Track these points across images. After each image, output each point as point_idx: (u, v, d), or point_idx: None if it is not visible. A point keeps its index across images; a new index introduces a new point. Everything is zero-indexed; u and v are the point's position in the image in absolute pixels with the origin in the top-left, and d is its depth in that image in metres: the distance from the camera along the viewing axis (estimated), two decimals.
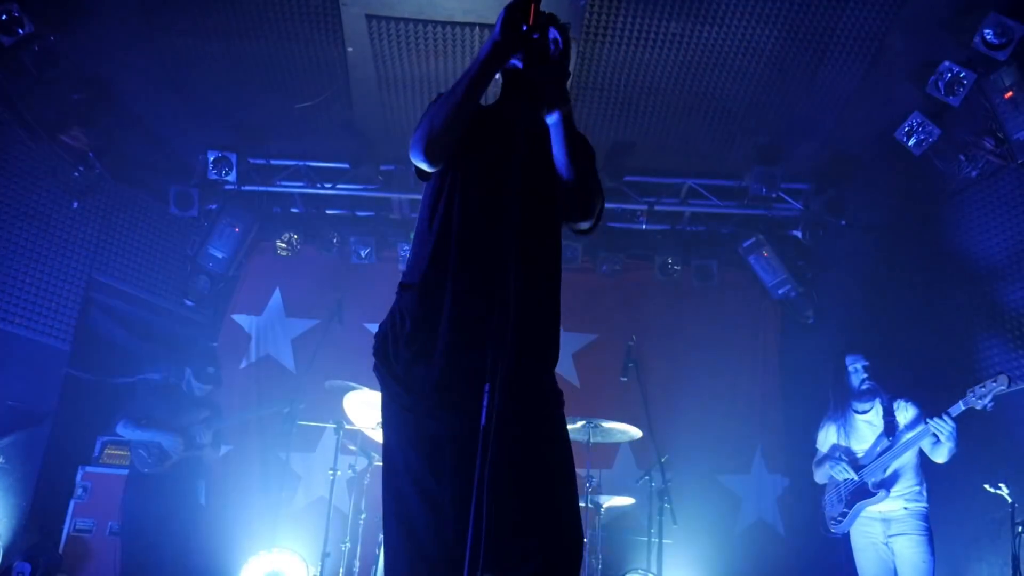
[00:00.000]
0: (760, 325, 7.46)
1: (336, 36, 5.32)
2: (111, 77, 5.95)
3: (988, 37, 4.76)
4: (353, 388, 5.16)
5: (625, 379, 5.69)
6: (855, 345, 5.14)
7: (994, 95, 4.93)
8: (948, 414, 4.45)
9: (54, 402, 6.08)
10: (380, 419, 2.39)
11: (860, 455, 4.81)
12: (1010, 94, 4.84)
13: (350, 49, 5.30)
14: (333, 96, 5.91)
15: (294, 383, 6.44)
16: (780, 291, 7.12)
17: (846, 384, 4.96)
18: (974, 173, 5.47)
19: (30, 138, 5.84)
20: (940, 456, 4.58)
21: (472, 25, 4.98)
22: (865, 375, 4.87)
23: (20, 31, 5.10)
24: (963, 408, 4.43)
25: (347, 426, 5.48)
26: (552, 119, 2.27)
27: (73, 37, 5.41)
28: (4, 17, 5.04)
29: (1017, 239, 5.15)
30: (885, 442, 4.73)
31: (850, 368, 4.94)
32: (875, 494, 4.66)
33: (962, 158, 5.52)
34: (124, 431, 5.67)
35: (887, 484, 4.65)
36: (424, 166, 2.33)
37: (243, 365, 7.27)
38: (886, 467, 4.67)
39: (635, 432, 5.39)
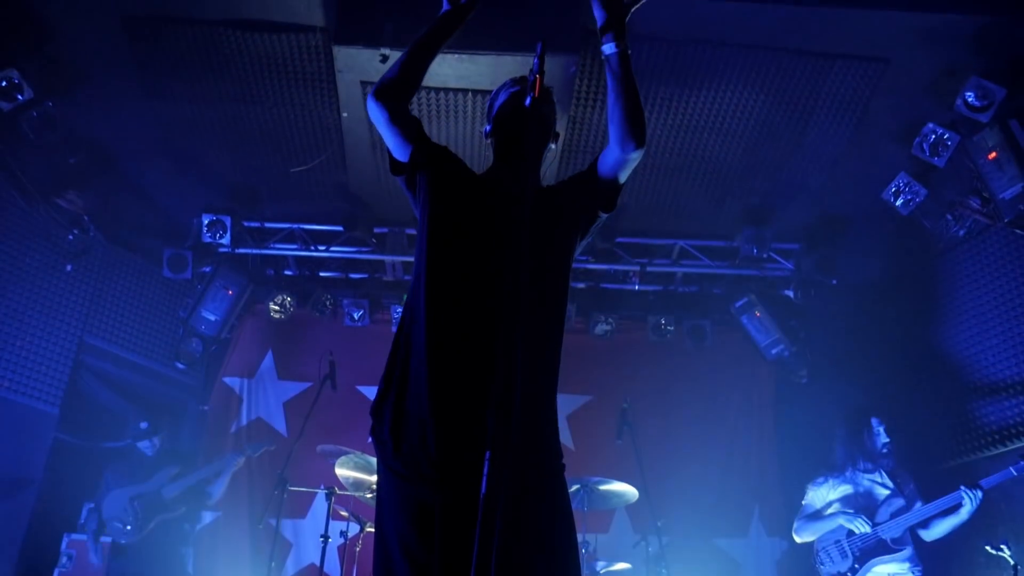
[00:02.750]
0: (754, 385, 7.44)
1: (331, 102, 5.41)
2: (108, 141, 6.01)
3: (970, 100, 4.86)
4: (345, 452, 5.10)
5: (620, 441, 5.66)
6: (873, 404, 5.18)
7: (978, 156, 5.01)
8: (980, 487, 4.49)
9: (41, 467, 5.98)
10: (374, 484, 2.36)
11: (873, 513, 4.81)
12: (994, 155, 4.92)
13: (345, 114, 5.38)
14: (328, 160, 5.98)
15: (285, 447, 6.35)
16: (773, 351, 7.11)
17: (863, 444, 4.98)
18: (961, 232, 5.54)
19: (26, 202, 5.87)
20: (938, 532, 4.63)
21: (465, 91, 5.06)
22: (887, 439, 4.92)
23: (19, 97, 5.16)
24: (999, 480, 4.45)
25: (339, 491, 5.40)
26: (610, 49, 2.41)
27: (71, 102, 5.49)
28: (4, 84, 5.11)
29: (1007, 297, 5.19)
30: (899, 502, 4.75)
31: (876, 430, 4.98)
32: (897, 550, 4.68)
33: (949, 218, 5.59)
34: (107, 510, 5.73)
35: (906, 542, 4.68)
36: (374, 107, 2.42)
37: (234, 429, 7.18)
38: (905, 526, 4.70)
39: (631, 493, 5.33)
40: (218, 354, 7.30)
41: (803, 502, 5.22)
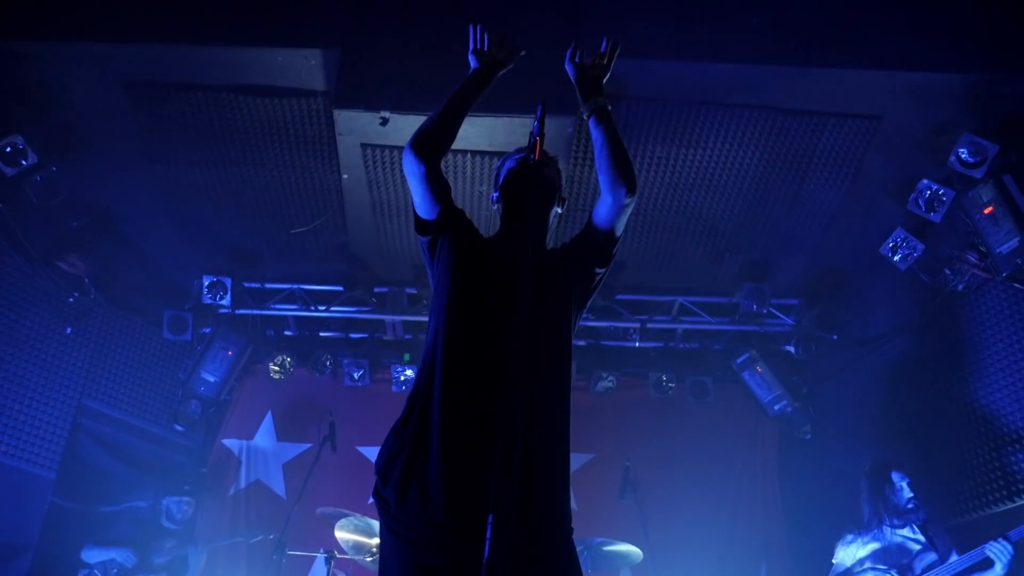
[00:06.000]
0: (758, 441, 7.37)
1: (332, 164, 5.48)
2: (110, 205, 6.07)
3: (963, 156, 4.92)
4: (345, 515, 5.03)
5: (623, 500, 5.59)
6: (899, 463, 5.06)
7: (974, 211, 5.04)
8: (1008, 538, 4.25)
9: (36, 533, 5.89)
10: (374, 547, 2.33)
11: (905, 569, 4.68)
12: (989, 209, 4.95)
13: (345, 176, 5.44)
14: (328, 221, 6.03)
15: (284, 510, 6.28)
16: (776, 407, 7.07)
17: (888, 499, 4.85)
18: (960, 286, 5.54)
19: (28, 265, 5.89)
20: None
21: (464, 152, 5.13)
22: (911, 493, 4.79)
23: (23, 162, 5.24)
24: None
25: (338, 555, 5.32)
26: (589, 108, 2.57)
27: (74, 167, 5.55)
28: (8, 149, 5.19)
29: (1008, 351, 5.17)
30: (932, 556, 4.61)
31: (898, 485, 4.85)
32: None
33: (948, 272, 5.60)
34: (87, 556, 5.67)
35: None
36: (412, 161, 2.46)
37: (232, 492, 7.10)
38: None
39: (636, 554, 5.24)
40: (217, 416, 7.26)
41: (833, 561, 5.06)
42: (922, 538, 4.70)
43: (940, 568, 4.53)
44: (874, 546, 4.87)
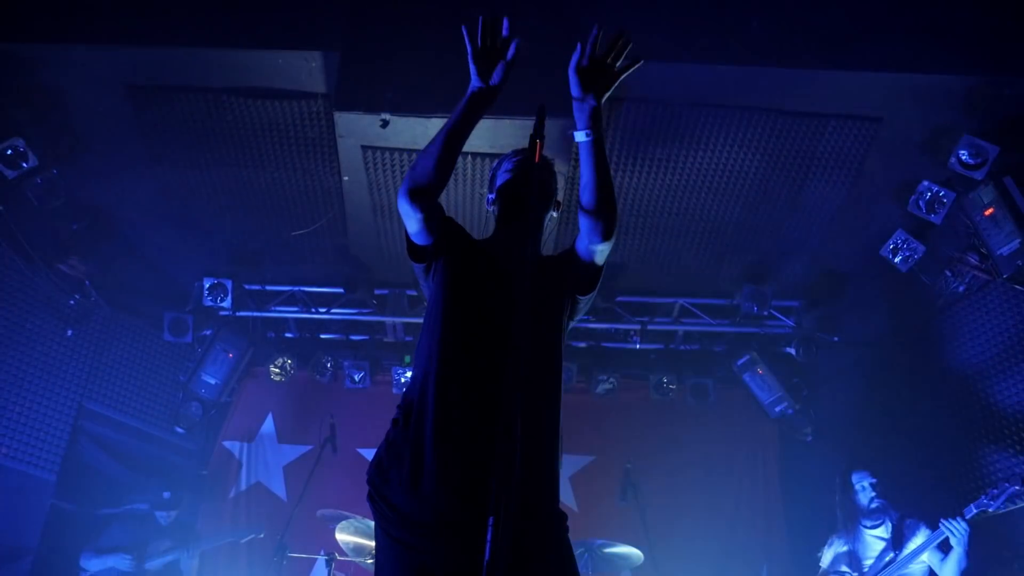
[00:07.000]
0: (758, 443, 7.36)
1: (332, 166, 5.48)
2: (110, 207, 6.07)
3: (964, 158, 4.92)
4: (346, 517, 5.03)
5: (624, 503, 5.58)
6: (861, 462, 5.12)
7: (975, 212, 5.05)
8: (962, 516, 4.37)
9: (37, 535, 5.89)
10: (374, 549, 2.33)
11: (866, 569, 4.73)
12: (990, 211, 4.96)
13: (346, 178, 5.44)
14: (328, 223, 6.02)
15: (285, 512, 6.27)
16: (777, 409, 7.07)
17: (854, 502, 4.93)
18: (961, 288, 5.54)
19: (28, 267, 5.89)
20: (949, 572, 4.46)
21: (464, 154, 5.12)
22: (873, 493, 4.88)
23: (24, 165, 5.24)
24: (975, 511, 4.33)
25: (339, 557, 5.31)
26: (582, 137, 2.33)
27: (75, 169, 5.55)
28: (9, 152, 5.19)
29: (1009, 352, 5.17)
30: (891, 554, 4.66)
31: (857, 486, 4.94)
32: None
33: (948, 274, 5.60)
34: (86, 563, 5.69)
35: None
36: (409, 209, 2.33)
37: (232, 494, 7.09)
38: (894, 574, 4.59)
39: (637, 556, 5.24)
40: (217, 418, 7.26)
41: (820, 565, 5.15)
42: (888, 536, 4.76)
43: (900, 560, 4.59)
44: (845, 548, 4.96)
